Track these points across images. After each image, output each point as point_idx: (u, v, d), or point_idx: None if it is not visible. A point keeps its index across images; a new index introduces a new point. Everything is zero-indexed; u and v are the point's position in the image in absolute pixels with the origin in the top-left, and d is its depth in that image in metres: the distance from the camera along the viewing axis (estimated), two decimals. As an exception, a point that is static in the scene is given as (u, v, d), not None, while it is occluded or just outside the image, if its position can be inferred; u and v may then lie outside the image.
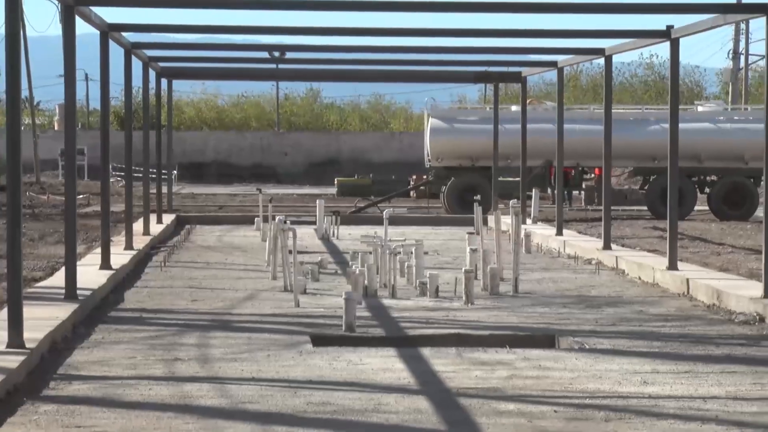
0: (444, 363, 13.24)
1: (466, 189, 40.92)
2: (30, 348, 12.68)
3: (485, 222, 28.08)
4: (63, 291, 16.81)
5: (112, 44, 22.73)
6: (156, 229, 30.06)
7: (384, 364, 13.15)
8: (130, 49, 26.22)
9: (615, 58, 26.22)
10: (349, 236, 29.37)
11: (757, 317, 16.54)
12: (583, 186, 43.77)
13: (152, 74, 31.64)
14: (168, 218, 34.12)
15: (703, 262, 22.94)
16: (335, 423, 10.31)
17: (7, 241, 13.55)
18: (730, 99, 77.29)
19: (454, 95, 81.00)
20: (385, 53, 28.29)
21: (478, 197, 34.37)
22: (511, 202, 24.46)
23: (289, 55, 29.75)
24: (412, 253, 20.24)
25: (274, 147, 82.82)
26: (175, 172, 45.76)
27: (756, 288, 17.64)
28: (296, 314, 16.87)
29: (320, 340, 14.63)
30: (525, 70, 32.18)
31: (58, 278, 17.89)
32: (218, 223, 36.79)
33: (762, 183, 22.69)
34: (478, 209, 29.65)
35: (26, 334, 12.91)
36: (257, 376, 12.35)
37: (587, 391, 11.75)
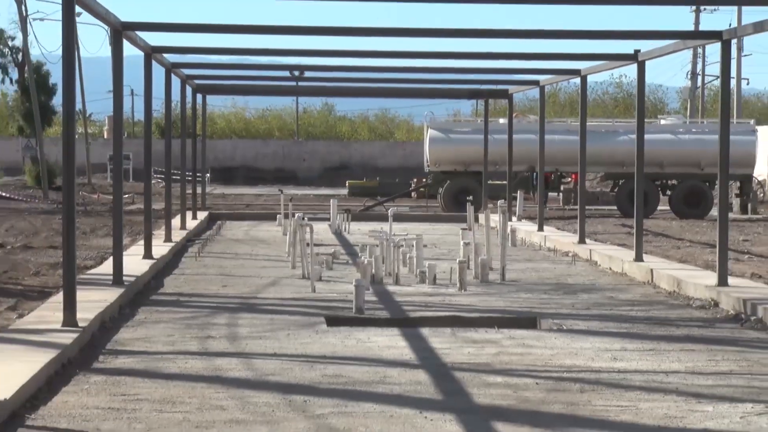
0: (440, 341, 13.27)
1: (460, 191, 40.88)
2: (82, 327, 12.73)
3: (476, 219, 27.97)
4: (111, 277, 16.83)
5: (154, 64, 22.76)
6: (191, 224, 30.03)
7: (389, 342, 13.19)
8: (170, 68, 26.23)
9: (589, 78, 26.20)
10: (358, 231, 29.32)
11: (712, 302, 16.57)
12: (562, 188, 43.79)
13: (189, 90, 31.66)
14: (202, 215, 34.10)
15: (664, 255, 22.93)
16: (346, 393, 10.34)
17: (63, 234, 13.61)
18: (688, 113, 77.26)
19: (450, 109, 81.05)
20: (390, 73, 28.28)
21: (471, 198, 34.33)
22: (498, 202, 24.52)
23: (307, 74, 29.70)
24: (413, 245, 20.22)
25: (293, 154, 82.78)
26: (208, 175, 45.73)
27: (711, 277, 17.64)
28: (313, 298, 16.89)
29: (333, 321, 14.66)
30: (511, 88, 32.16)
31: (107, 266, 17.92)
32: (245, 219, 36.76)
33: (716, 186, 22.79)
34: (470, 208, 29.60)
35: (79, 315, 12.96)
36: (279, 352, 12.39)
37: (565, 366, 11.78)
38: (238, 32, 19.91)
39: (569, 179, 43.19)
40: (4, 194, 44.52)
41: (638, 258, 21.01)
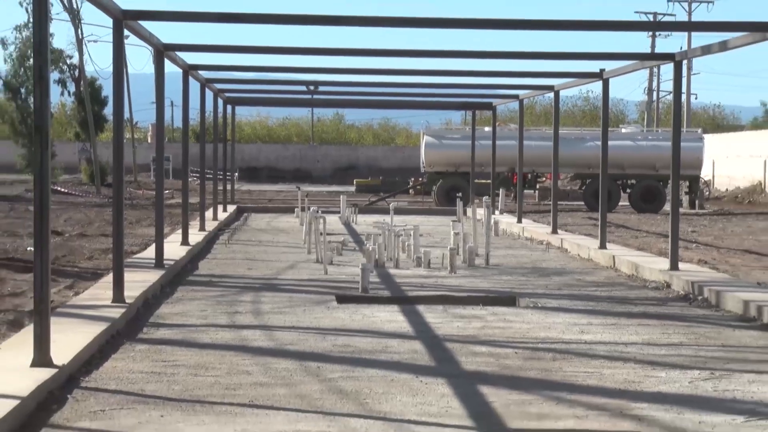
0: (434, 316, 13.26)
1: (451, 188, 40.91)
2: (129, 303, 12.74)
3: (465, 213, 27.97)
4: (153, 261, 16.84)
5: (190, 79, 22.77)
6: (222, 216, 30.06)
7: (389, 317, 13.19)
8: (204, 83, 26.23)
9: (561, 93, 26.24)
10: (364, 222, 29.34)
11: (665, 284, 16.57)
12: (537, 187, 43.86)
13: (220, 102, 31.65)
14: (231, 208, 34.10)
15: (625, 244, 22.92)
16: (354, 360, 10.35)
17: (113, 224, 13.62)
18: (645, 123, 77.17)
19: (443, 119, 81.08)
20: (392, 87, 28.21)
21: (460, 194, 34.37)
22: (484, 198, 24.42)
23: (321, 88, 29.67)
24: (410, 235, 20.21)
25: (309, 156, 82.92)
26: (237, 174, 45.71)
27: (664, 263, 17.63)
28: (325, 280, 16.88)
29: (343, 299, 14.64)
30: (495, 101, 32.12)
31: (150, 252, 17.93)
32: (268, 212, 36.76)
33: (668, 185, 22.82)
34: (459, 203, 29.59)
35: (126, 293, 12.97)
36: (296, 325, 12.39)
37: (539, 338, 11.78)
38: (262, 53, 19.93)
39: (544, 179, 43.27)
40: (62, 190, 44.56)
41: (602, 246, 21.01)
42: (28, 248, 18.20)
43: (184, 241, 20.62)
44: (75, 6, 48.15)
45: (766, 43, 14.80)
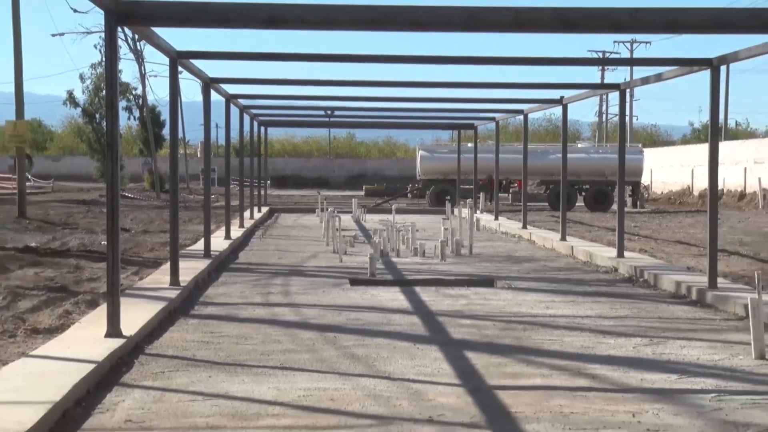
0: (428, 296, 13.26)
1: (441, 192, 40.98)
2: (183, 285, 12.76)
3: (452, 212, 27.94)
4: (202, 252, 16.86)
5: (231, 106, 22.81)
6: (257, 216, 30.08)
7: (392, 296, 13.18)
8: (242, 109, 26.24)
9: (530, 115, 26.20)
10: (371, 220, 29.34)
11: (613, 269, 16.56)
12: (510, 191, 43.87)
13: (255, 124, 31.65)
14: (264, 209, 34.13)
15: (581, 236, 22.91)
16: (364, 331, 10.36)
17: (170, 222, 13.62)
18: (596, 140, 77.31)
19: (434, 136, 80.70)
20: (393, 111, 28.28)
21: (448, 197, 34.46)
22: (467, 200, 24.37)
23: (336, 112, 29.68)
24: (409, 230, 20.23)
25: (327, 167, 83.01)
26: (268, 182, 45.66)
27: (612, 252, 17.63)
28: (340, 266, 16.88)
29: (355, 282, 14.64)
30: (476, 122, 32.10)
31: (200, 244, 17.94)
32: (294, 212, 36.79)
33: (615, 189, 22.87)
34: (448, 204, 29.53)
35: (181, 278, 13.00)
36: (317, 303, 12.39)
37: (512, 313, 11.77)
38: (289, 84, 19.94)
39: (515, 184, 43.23)
40: (129, 195, 44.64)
41: (563, 238, 20.99)
42: (102, 242, 18.23)
43: (227, 236, 20.65)
44: (138, 47, 48.39)
45: (692, 75, 14.80)
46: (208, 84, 18.48)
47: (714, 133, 14.06)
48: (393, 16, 9.86)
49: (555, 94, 21.62)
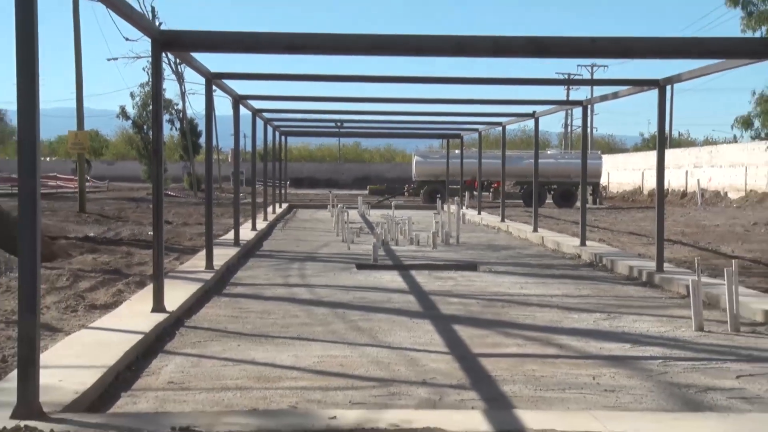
0: (422, 278, 13.27)
1: (433, 191, 40.94)
2: (216, 269, 12.76)
3: (442, 208, 27.91)
4: (233, 241, 16.86)
5: (257, 119, 22.83)
6: (278, 211, 30.11)
7: (392, 278, 13.19)
8: (266, 121, 26.23)
9: (507, 127, 26.15)
10: (374, 215, 29.34)
11: (577, 255, 16.56)
12: (491, 190, 43.77)
13: (277, 134, 31.63)
14: (284, 205, 34.16)
15: (550, 228, 22.89)
16: (368, 307, 10.35)
17: (206, 216, 13.62)
18: (563, 147, 77.26)
19: (427, 144, 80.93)
20: (393, 123, 28.24)
21: (439, 195, 34.44)
22: (455, 198, 24.38)
23: (345, 124, 29.62)
24: (406, 222, 20.22)
25: (337, 170, 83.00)
26: (288, 182, 45.65)
27: (576, 241, 17.62)
28: (348, 253, 16.88)
29: (360, 266, 14.63)
30: (462, 133, 32.06)
31: (230, 235, 17.94)
32: (309, 207, 36.78)
33: (579, 189, 22.79)
34: (438, 201, 29.44)
35: (214, 262, 13.00)
36: (329, 284, 12.39)
37: (493, 292, 11.77)
38: (306, 101, 19.96)
39: (495, 185, 43.19)
40: (171, 193, 44.61)
41: (535, 230, 21.00)
42: (149, 232, 18.22)
43: (253, 228, 20.69)
44: (179, 70, 48.39)
45: (642, 93, 14.79)
46: (238, 100, 18.49)
47: (661, 142, 14.04)
48: (393, 43, 9.94)
49: (528, 109, 21.61)
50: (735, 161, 43.58)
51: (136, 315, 8.84)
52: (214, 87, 14.84)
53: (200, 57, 12.51)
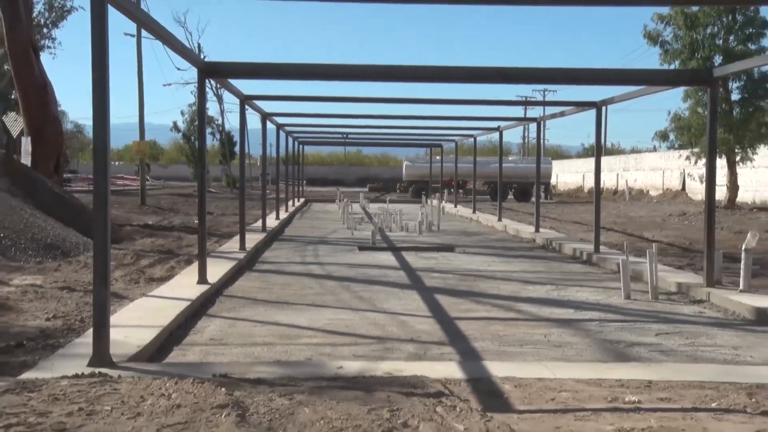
0: (410, 257, 13.24)
1: (419, 189, 40.84)
2: (247, 250, 12.70)
3: (426, 202, 27.88)
4: (261, 228, 16.82)
5: (280, 132, 22.73)
6: (297, 204, 30.04)
7: (387, 257, 13.16)
8: (288, 134, 26.14)
9: (478, 138, 26.13)
10: (373, 207, 29.30)
11: (533, 240, 16.53)
12: (465, 188, 43.67)
13: (296, 143, 31.55)
14: (302, 200, 34.08)
15: (511, 218, 22.86)
16: (368, 281, 10.32)
17: (239, 209, 13.55)
18: (521, 154, 77.10)
19: (415, 152, 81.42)
20: (388, 136, 28.17)
21: (424, 192, 34.37)
22: (437, 194, 24.36)
23: (350, 136, 29.52)
24: (398, 213, 20.18)
25: (343, 172, 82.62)
26: (304, 181, 45.56)
27: (532, 228, 17.62)
28: (352, 238, 16.85)
29: (362, 248, 14.59)
30: (442, 143, 32.03)
31: (258, 223, 17.91)
32: (321, 201, 36.62)
33: (534, 187, 22.97)
34: (423, 197, 29.53)
35: (246, 245, 12.96)
36: (337, 262, 12.36)
37: (466, 269, 11.76)
38: (319, 117, 19.91)
39: (468, 184, 43.13)
40: (213, 190, 44.42)
41: (499, 219, 20.99)
42: (195, 221, 18.16)
43: (277, 217, 20.63)
44: (219, 92, 48.35)
45: (584, 112, 14.77)
46: (265, 117, 18.42)
47: (597, 150, 14.04)
48: (390, 71, 10.05)
49: (494, 124, 21.56)
50: (655, 166, 43.72)
51: (185, 286, 8.82)
52: (246, 106, 14.78)
53: (235, 82, 12.47)
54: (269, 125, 19.86)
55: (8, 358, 5.56)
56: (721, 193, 26.79)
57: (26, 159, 17.72)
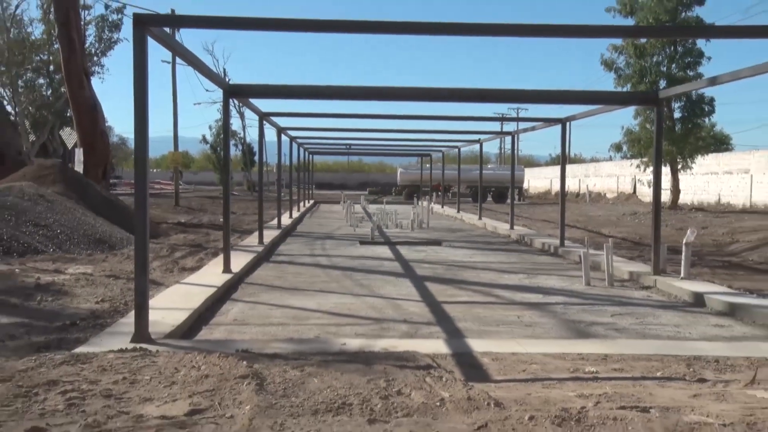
0: (404, 250, 13.22)
1: (411, 192, 40.83)
2: (265, 244, 12.69)
3: (417, 203, 27.86)
4: (276, 225, 16.80)
5: (293, 144, 22.68)
6: (307, 204, 29.99)
7: (385, 251, 13.13)
8: (300, 145, 26.11)
9: (462, 149, 26.16)
10: (372, 208, 29.25)
11: (508, 235, 16.51)
12: (451, 192, 43.63)
13: (307, 153, 31.48)
14: (311, 201, 34.01)
15: (490, 217, 22.85)
16: (367, 270, 10.30)
17: (258, 209, 13.52)
18: (499, 162, 77.00)
19: (407, 160, 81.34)
20: (385, 146, 28.14)
21: (415, 195, 34.29)
22: (426, 197, 24.35)
23: (352, 146, 29.50)
24: (393, 212, 20.15)
25: (347, 178, 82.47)
26: (313, 186, 45.55)
27: (507, 226, 17.63)
28: (354, 234, 16.82)
29: (362, 242, 14.55)
30: (431, 153, 32.02)
31: (274, 221, 17.90)
32: (328, 203, 36.51)
33: (509, 191, 23.04)
34: (415, 199, 29.48)
35: (264, 240, 12.96)
36: (341, 254, 12.34)
37: (451, 260, 11.74)
38: (327, 130, 19.92)
39: (453, 188, 43.11)
40: (235, 193, 44.41)
41: (480, 218, 20.98)
42: (220, 219, 18.15)
43: (290, 216, 20.57)
44: (241, 110, 48.24)
45: (551, 127, 14.78)
46: (280, 130, 18.39)
47: (563, 159, 14.06)
48: (385, 92, 10.08)
49: (475, 137, 21.57)
50: (610, 173, 43.88)
51: (212, 275, 8.82)
52: (264, 122, 14.77)
53: (254, 101, 12.46)
54: (284, 138, 19.84)
55: (64, 335, 5.58)
56: (665, 195, 27.86)
57: (79, 167, 17.81)
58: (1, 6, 34.74)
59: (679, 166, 27.44)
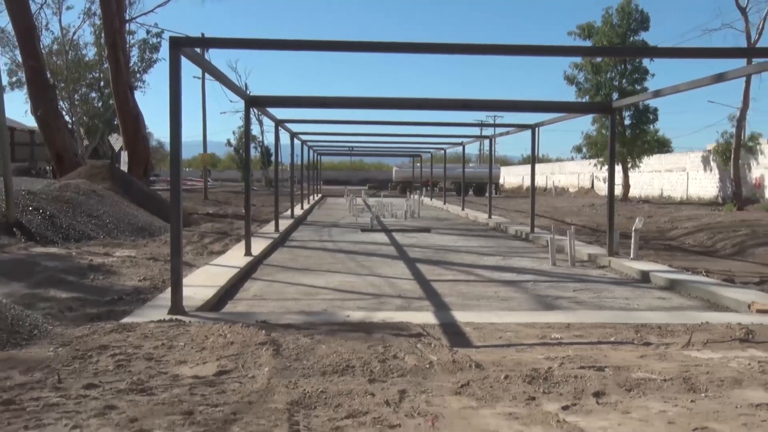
0: (399, 237, 13.19)
1: (405, 187, 40.64)
2: (280, 232, 12.64)
3: (410, 197, 27.80)
4: (290, 215, 16.75)
5: (304, 146, 22.55)
6: (316, 198, 29.90)
7: (382, 237, 13.09)
8: (310, 147, 25.98)
9: (447, 150, 26.09)
10: (371, 201, 29.17)
11: (488, 224, 16.47)
12: (438, 187, 43.49)
13: (315, 154, 31.35)
14: (319, 195, 33.90)
15: (471, 208, 22.77)
16: (368, 253, 10.27)
17: (275, 202, 13.49)
18: (479, 161, 76.79)
19: (401, 160, 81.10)
20: (382, 147, 28.04)
21: (409, 190, 34.21)
22: (417, 191, 24.29)
23: (354, 148, 29.39)
24: (390, 204, 20.12)
25: (350, 175, 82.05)
26: (321, 182, 45.40)
27: (486, 215, 17.61)
28: (356, 223, 16.78)
29: (363, 230, 14.50)
30: (422, 154, 31.95)
31: (288, 212, 17.85)
32: (333, 197, 36.42)
33: (487, 186, 23.02)
34: (408, 193, 29.43)
35: (279, 228, 12.89)
36: (345, 240, 12.32)
37: (439, 245, 11.72)
38: (333, 134, 19.81)
39: (441, 183, 43.00)
40: (255, 188, 44.27)
41: (463, 209, 20.93)
42: (242, 211, 18.08)
43: (301, 208, 20.50)
44: (260, 118, 48.02)
45: (523, 131, 14.74)
46: (293, 135, 18.30)
47: (533, 159, 14.06)
48: (381, 102, 10.14)
49: (459, 140, 21.52)
50: (573, 171, 44.01)
51: (236, 257, 8.80)
52: (279, 127, 14.70)
53: (271, 110, 12.40)
54: (295, 141, 19.75)
55: (113, 308, 5.60)
56: (618, 190, 28.38)
57: (124, 167, 18.00)
58: (61, 33, 35.10)
59: (629, 165, 28.42)
